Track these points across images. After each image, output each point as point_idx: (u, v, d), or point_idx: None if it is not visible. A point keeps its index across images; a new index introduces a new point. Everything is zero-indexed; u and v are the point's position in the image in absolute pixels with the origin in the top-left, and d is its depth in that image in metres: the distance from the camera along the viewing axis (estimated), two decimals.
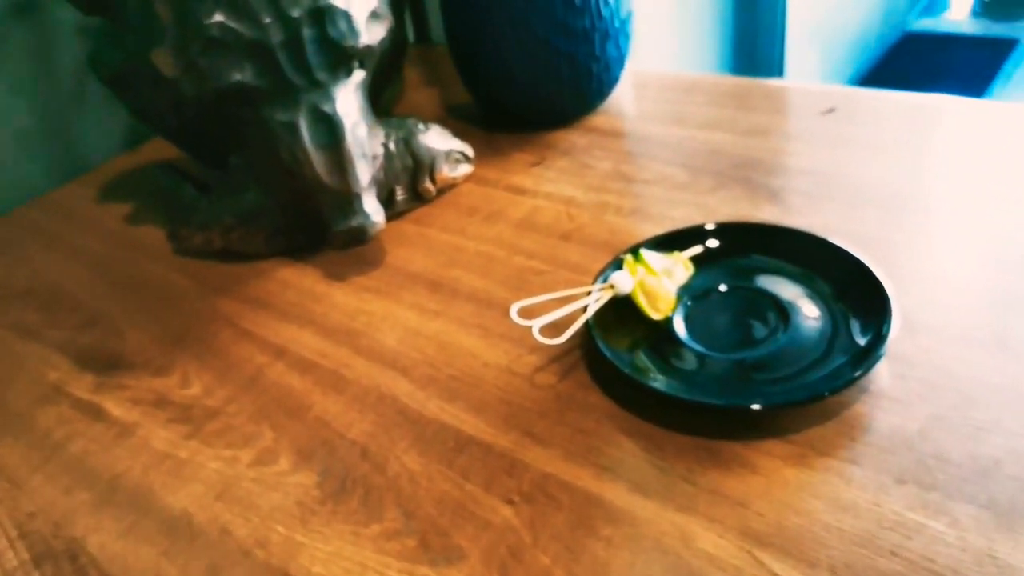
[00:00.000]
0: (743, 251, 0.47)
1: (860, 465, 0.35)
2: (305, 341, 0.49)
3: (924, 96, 0.63)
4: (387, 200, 0.58)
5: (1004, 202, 0.49)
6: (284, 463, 0.41)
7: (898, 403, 0.38)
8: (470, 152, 0.64)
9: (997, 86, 1.81)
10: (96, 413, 0.47)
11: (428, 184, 0.60)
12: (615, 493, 0.36)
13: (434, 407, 0.42)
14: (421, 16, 0.97)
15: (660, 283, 0.43)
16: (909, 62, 1.99)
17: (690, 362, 0.41)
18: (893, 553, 0.31)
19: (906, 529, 0.32)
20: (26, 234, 0.70)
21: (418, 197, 0.61)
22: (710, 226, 0.48)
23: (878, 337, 0.38)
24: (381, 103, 0.67)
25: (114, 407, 0.47)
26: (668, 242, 0.47)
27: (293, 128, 0.50)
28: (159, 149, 0.77)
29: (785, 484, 0.35)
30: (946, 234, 0.48)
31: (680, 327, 0.43)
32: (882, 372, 0.39)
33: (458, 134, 0.64)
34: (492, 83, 0.67)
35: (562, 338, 0.42)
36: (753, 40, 1.41)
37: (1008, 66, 1.87)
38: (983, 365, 0.39)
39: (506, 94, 0.67)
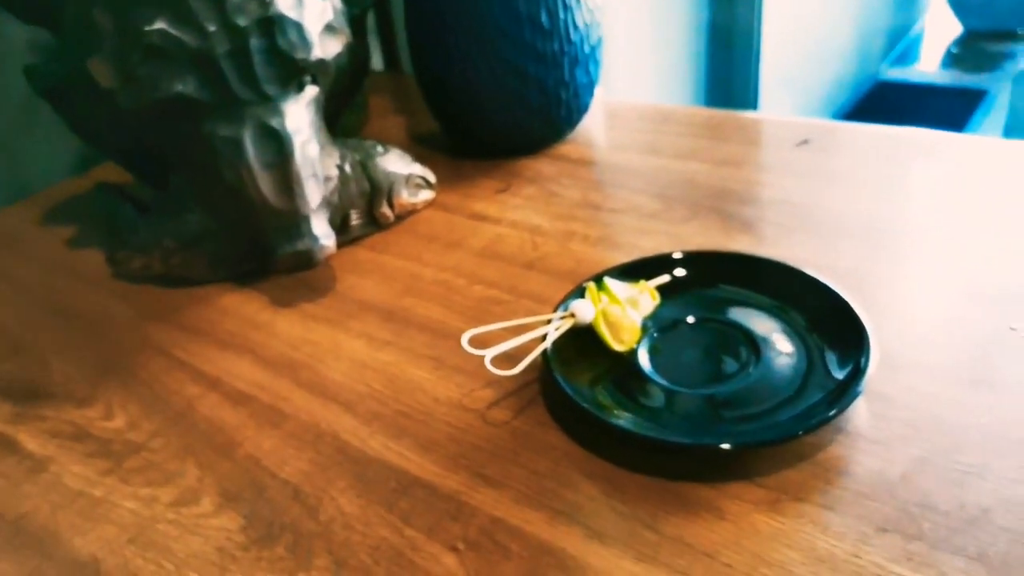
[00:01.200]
0: (712, 281, 0.44)
1: (837, 512, 0.32)
2: (242, 372, 0.45)
3: (898, 129, 0.62)
4: (341, 225, 0.55)
5: (982, 236, 0.47)
6: (207, 504, 0.37)
7: (878, 445, 0.35)
8: (432, 177, 0.61)
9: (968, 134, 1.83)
10: (8, 446, 0.43)
11: (385, 209, 0.57)
12: (569, 540, 0.32)
13: (377, 444, 0.39)
14: (390, 44, 0.95)
15: (624, 313, 0.40)
16: (881, 110, 2.02)
17: (655, 398, 0.38)
18: None
19: None
20: None
21: (375, 222, 0.58)
22: (677, 255, 0.45)
23: (856, 372, 0.36)
24: (340, 126, 0.64)
25: (29, 440, 0.43)
26: (634, 270, 0.44)
27: (237, 144, 0.47)
28: (110, 173, 0.74)
29: (756, 532, 0.32)
30: (924, 268, 0.46)
31: (645, 360, 0.40)
32: (860, 411, 0.36)
33: (423, 161, 0.61)
34: (458, 109, 0.65)
35: (516, 369, 0.39)
36: (728, 82, 1.41)
37: (978, 115, 1.90)
38: (968, 405, 0.36)
39: (473, 120, 0.65)
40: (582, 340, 0.41)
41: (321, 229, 0.49)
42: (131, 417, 0.43)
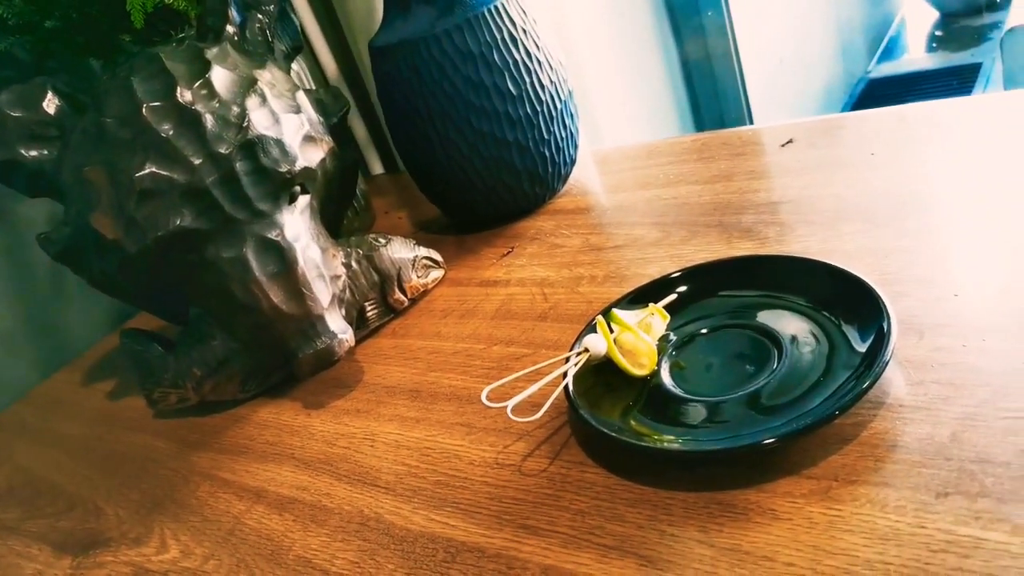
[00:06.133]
0: (715, 289, 0.44)
1: (893, 486, 0.31)
2: (284, 478, 0.46)
3: (874, 111, 0.62)
4: (358, 318, 0.57)
5: (981, 188, 0.47)
6: None
7: (921, 410, 0.34)
8: (438, 257, 0.62)
9: None
10: None
11: (398, 294, 0.58)
12: (625, 573, 0.31)
13: (420, 519, 0.39)
14: (385, 147, 0.99)
15: (638, 338, 0.40)
16: (880, 106, 2.01)
17: (688, 413, 0.38)
18: None
19: (961, 548, 0.27)
20: (11, 433, 0.68)
21: (391, 310, 0.59)
22: (676, 273, 0.45)
23: (879, 340, 0.35)
24: (347, 229, 0.66)
25: None
26: (639, 298, 0.44)
27: (242, 262, 0.49)
28: (145, 323, 0.77)
29: (812, 525, 0.30)
30: (932, 232, 0.45)
31: (668, 379, 0.40)
32: (896, 382, 0.35)
33: (430, 244, 0.63)
34: (450, 188, 0.67)
35: (539, 413, 0.38)
36: (719, 110, 1.43)
37: (976, 89, 1.88)
38: (1006, 352, 0.35)
39: (466, 195, 0.67)
40: (605, 376, 0.41)
41: (337, 325, 0.50)
42: (184, 546, 0.44)
